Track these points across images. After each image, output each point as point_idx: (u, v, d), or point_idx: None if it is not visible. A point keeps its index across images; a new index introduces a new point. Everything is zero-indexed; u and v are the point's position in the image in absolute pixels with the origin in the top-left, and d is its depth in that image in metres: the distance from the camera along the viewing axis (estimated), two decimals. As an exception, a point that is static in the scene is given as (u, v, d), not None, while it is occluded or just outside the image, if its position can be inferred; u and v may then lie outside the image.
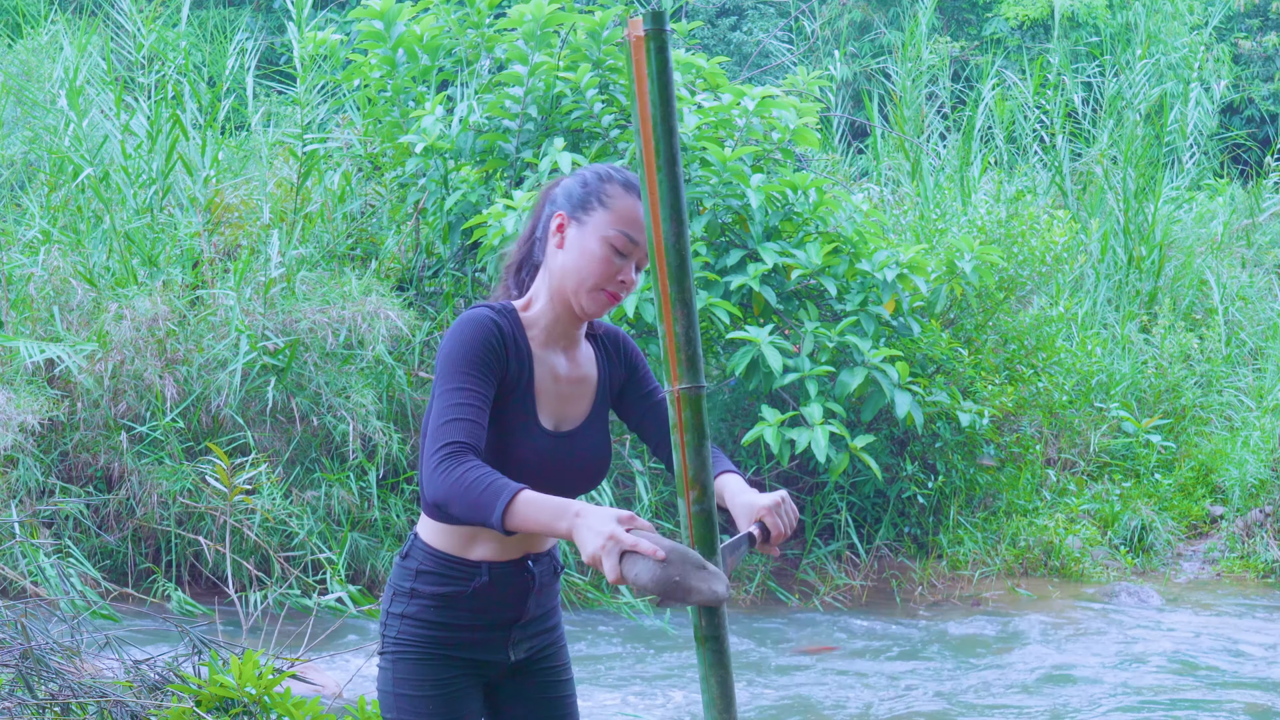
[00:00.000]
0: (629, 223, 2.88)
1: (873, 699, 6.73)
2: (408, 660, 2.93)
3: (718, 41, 15.55)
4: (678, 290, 2.49)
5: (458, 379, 2.76)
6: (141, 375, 7.76)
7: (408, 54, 8.86)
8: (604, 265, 2.87)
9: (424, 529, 2.95)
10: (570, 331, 2.97)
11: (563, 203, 2.92)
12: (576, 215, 2.90)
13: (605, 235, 2.87)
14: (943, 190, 11.10)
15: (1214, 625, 8.06)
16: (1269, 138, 15.64)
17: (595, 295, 2.89)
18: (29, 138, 9.68)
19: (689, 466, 2.54)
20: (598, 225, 2.87)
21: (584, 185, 2.91)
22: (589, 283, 2.88)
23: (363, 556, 7.82)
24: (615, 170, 2.93)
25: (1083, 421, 10.01)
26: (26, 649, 4.49)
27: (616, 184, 2.90)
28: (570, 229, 2.90)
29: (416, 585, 2.94)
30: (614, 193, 2.89)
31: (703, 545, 2.55)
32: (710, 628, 2.56)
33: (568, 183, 2.95)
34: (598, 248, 2.87)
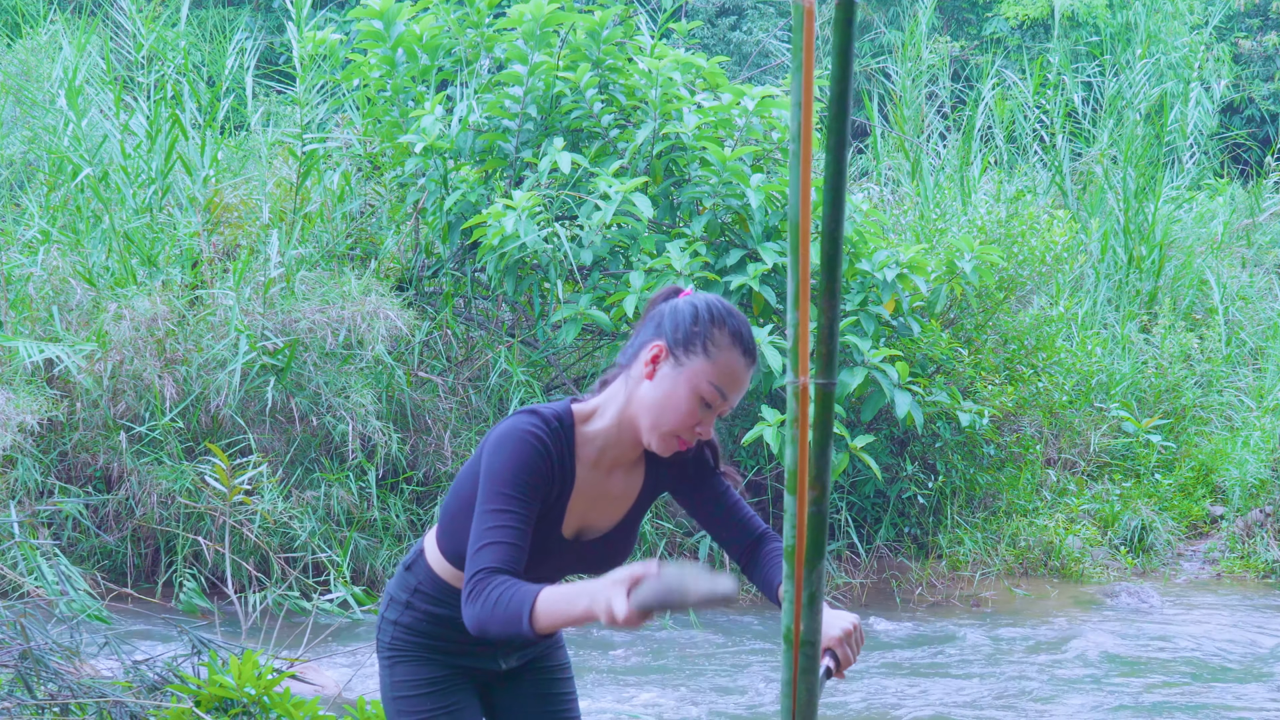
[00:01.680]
0: (727, 378, 2.72)
1: (873, 699, 6.72)
2: (404, 663, 2.97)
3: (718, 41, 15.55)
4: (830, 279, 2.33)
5: (501, 500, 2.69)
6: (141, 375, 7.76)
7: (407, 54, 8.85)
8: (687, 416, 2.73)
9: (432, 555, 2.95)
10: (628, 456, 2.86)
11: (668, 331, 2.75)
12: (676, 353, 2.73)
13: (698, 386, 2.71)
14: (943, 190, 11.10)
15: (1214, 625, 8.05)
16: (1269, 137, 15.63)
17: (667, 439, 2.76)
18: (28, 137, 9.68)
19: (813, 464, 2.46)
20: (694, 373, 2.72)
21: (695, 321, 2.73)
22: (665, 427, 2.75)
23: (362, 556, 7.82)
24: (730, 314, 2.76)
25: (1083, 421, 10.01)
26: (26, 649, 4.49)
27: (727, 332, 2.73)
28: (665, 365, 2.74)
29: (414, 600, 2.96)
30: (721, 342, 2.72)
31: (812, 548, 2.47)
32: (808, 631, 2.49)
33: (681, 310, 2.76)
34: (686, 396, 2.72)
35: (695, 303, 2.77)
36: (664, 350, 2.74)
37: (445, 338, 8.61)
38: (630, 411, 2.79)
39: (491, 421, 8.43)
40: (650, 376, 2.75)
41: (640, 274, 7.86)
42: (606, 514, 2.89)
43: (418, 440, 8.25)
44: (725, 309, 2.77)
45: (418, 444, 8.25)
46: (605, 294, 8.06)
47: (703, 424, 2.75)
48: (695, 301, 2.77)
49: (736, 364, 2.73)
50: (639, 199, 7.91)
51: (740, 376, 2.75)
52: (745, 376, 2.76)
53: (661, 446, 2.78)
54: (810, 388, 2.37)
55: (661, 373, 2.74)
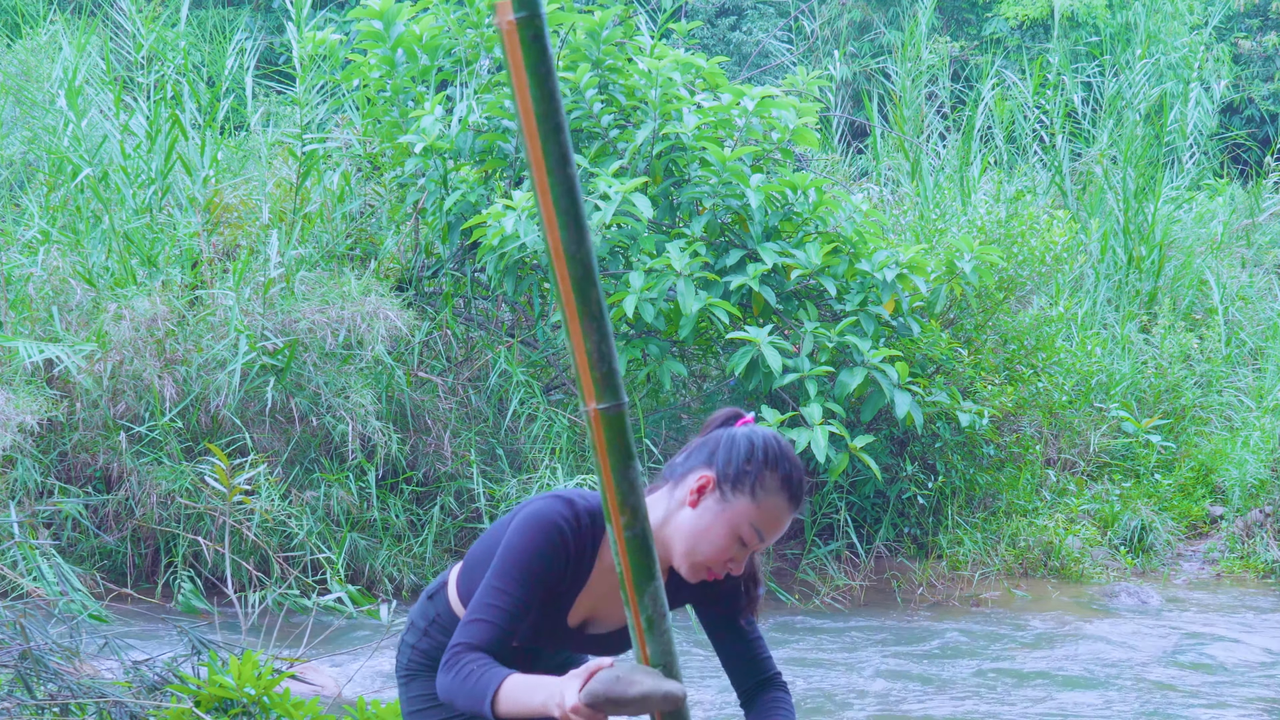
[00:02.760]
0: (768, 523, 2.72)
1: (873, 699, 6.72)
2: (418, 679, 3.02)
3: (717, 41, 15.55)
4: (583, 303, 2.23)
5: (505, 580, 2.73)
6: (140, 375, 7.76)
7: (407, 54, 8.85)
8: (722, 551, 2.73)
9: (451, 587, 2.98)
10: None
11: (720, 463, 2.73)
12: (723, 487, 2.72)
13: (738, 526, 2.71)
14: (942, 190, 11.10)
15: (1214, 626, 8.05)
16: (1269, 137, 15.63)
17: (697, 569, 2.76)
18: (28, 137, 9.68)
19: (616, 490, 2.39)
20: (738, 512, 2.71)
21: (749, 459, 2.72)
22: (697, 558, 2.74)
23: (362, 556, 7.82)
24: (783, 457, 2.74)
25: (1083, 421, 10.01)
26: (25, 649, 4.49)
27: (779, 476, 2.71)
28: (710, 497, 2.72)
29: (431, 629, 3.00)
30: (771, 486, 2.71)
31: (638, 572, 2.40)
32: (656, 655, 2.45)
33: (739, 442, 2.74)
34: (725, 533, 2.71)
35: (753, 439, 2.74)
36: (712, 482, 2.73)
37: (445, 338, 8.61)
38: (666, 532, 2.77)
39: (491, 421, 8.44)
40: (693, 505, 2.74)
41: (640, 274, 7.86)
42: (615, 612, 2.89)
43: (417, 440, 8.25)
44: (780, 451, 2.74)
45: (417, 444, 8.25)
46: (605, 294, 8.06)
47: (735, 560, 2.75)
48: (753, 438, 2.74)
49: (781, 510, 2.73)
50: (639, 199, 7.91)
51: (782, 521, 2.75)
52: (787, 521, 2.76)
53: (690, 574, 2.77)
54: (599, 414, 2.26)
55: (705, 504, 2.73)
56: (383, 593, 7.71)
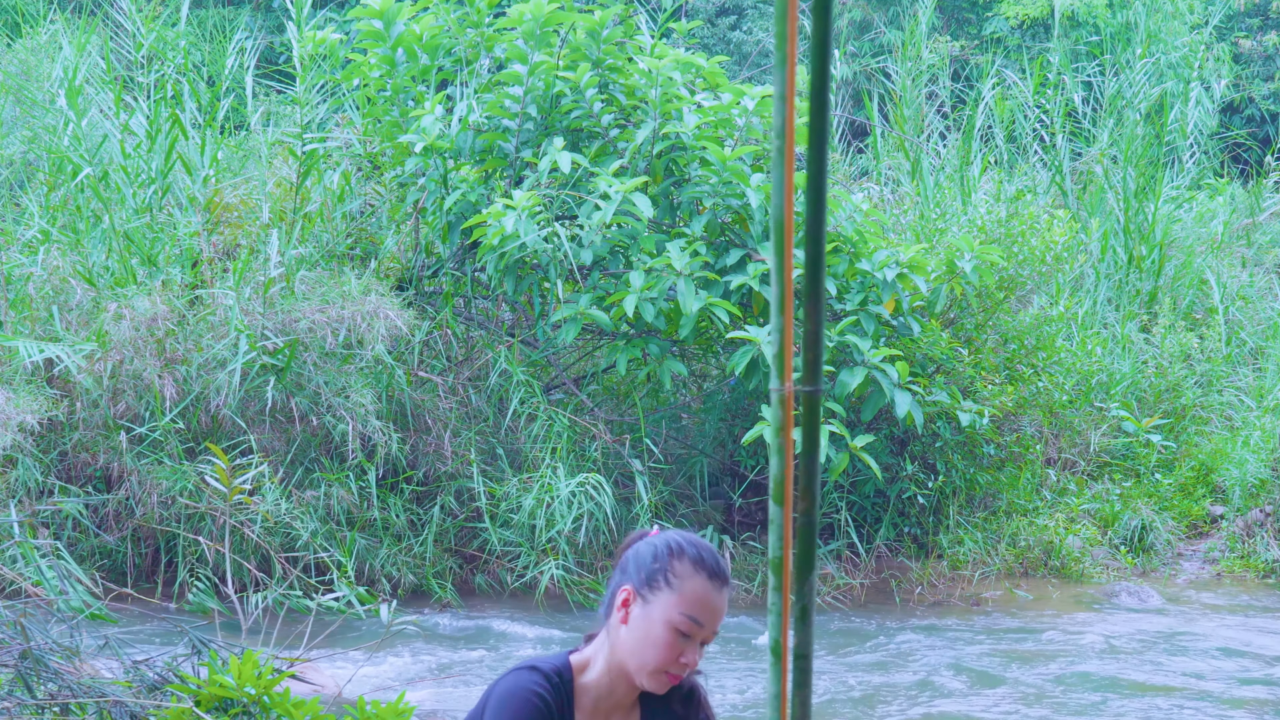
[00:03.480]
0: (695, 605, 2.75)
1: (872, 699, 6.72)
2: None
3: (717, 41, 15.55)
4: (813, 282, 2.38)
5: None
6: (141, 375, 7.76)
7: (407, 53, 8.85)
8: (667, 650, 2.76)
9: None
10: (624, 702, 2.90)
11: (632, 574, 2.81)
12: (643, 593, 2.78)
13: (670, 619, 2.75)
14: (943, 190, 11.10)
15: (1214, 625, 8.05)
16: (1269, 137, 15.63)
17: (657, 677, 2.79)
18: (28, 137, 9.68)
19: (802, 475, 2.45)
20: (663, 607, 2.76)
21: (654, 558, 2.79)
22: (650, 667, 2.78)
23: (362, 556, 7.82)
24: (688, 543, 2.80)
25: (1083, 421, 10.01)
26: (26, 649, 4.49)
27: (687, 560, 2.77)
28: (635, 607, 2.79)
29: None
30: (682, 571, 2.77)
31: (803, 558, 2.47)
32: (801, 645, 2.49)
33: (641, 551, 2.83)
34: (662, 632, 2.75)
35: (655, 542, 2.83)
36: (632, 593, 2.79)
37: (445, 337, 8.61)
38: (616, 659, 2.83)
39: (492, 420, 8.44)
40: (625, 621, 2.80)
41: (640, 274, 7.86)
42: None
43: (418, 440, 8.25)
44: (683, 540, 2.81)
45: (418, 444, 8.25)
46: (605, 294, 8.06)
47: (686, 654, 2.78)
48: (655, 541, 2.83)
49: (703, 589, 2.77)
50: (639, 199, 7.91)
51: (710, 600, 2.78)
52: (717, 599, 2.79)
53: (654, 685, 2.81)
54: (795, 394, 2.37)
55: (634, 615, 2.79)
56: (383, 592, 7.71)
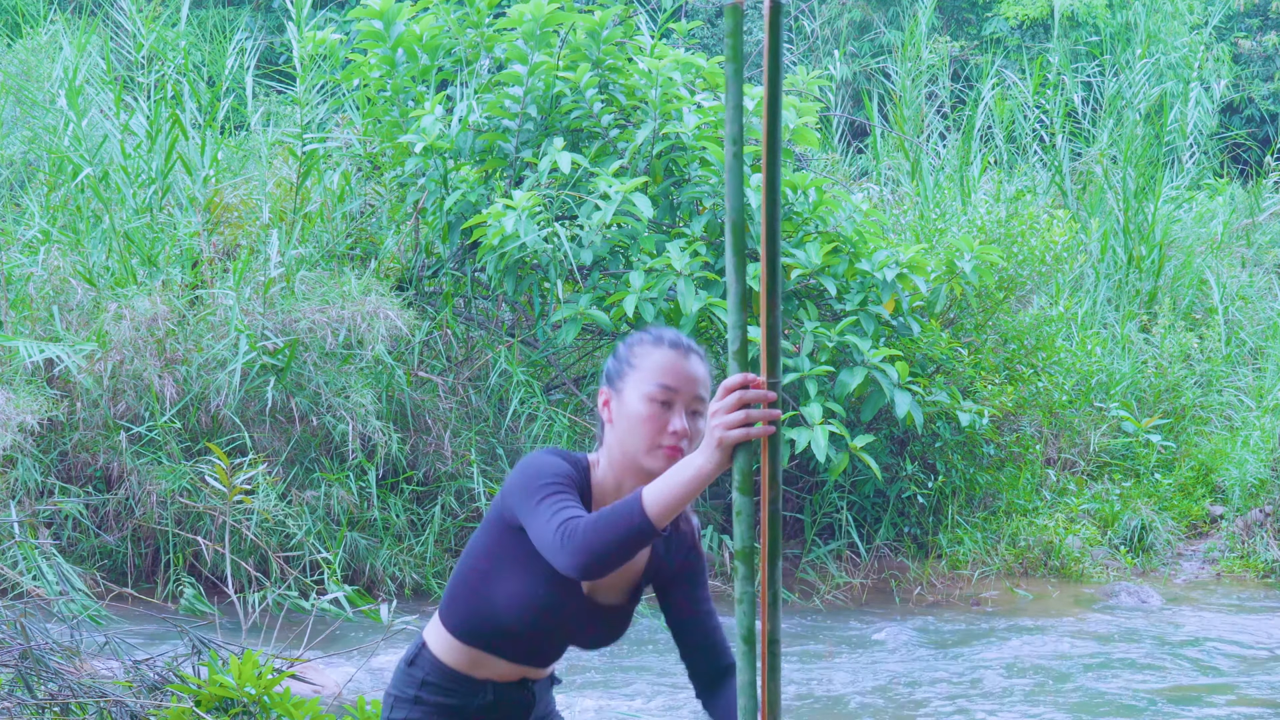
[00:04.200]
0: (662, 373, 2.80)
1: (872, 698, 6.73)
2: None
3: (717, 41, 15.55)
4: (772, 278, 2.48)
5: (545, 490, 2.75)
6: (140, 375, 7.76)
7: (407, 54, 8.85)
8: (650, 424, 2.80)
9: (433, 640, 2.96)
10: None
11: (604, 379, 2.91)
12: (615, 387, 2.86)
13: (643, 394, 2.80)
14: (942, 190, 11.10)
15: (1214, 625, 8.05)
16: (1269, 137, 15.63)
17: (654, 455, 2.81)
18: (28, 137, 9.68)
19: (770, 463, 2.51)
20: (633, 387, 2.82)
21: (616, 357, 2.89)
22: (643, 446, 2.81)
23: (362, 556, 7.82)
24: (645, 331, 2.89)
25: (1083, 421, 10.01)
26: (26, 649, 4.49)
27: (646, 343, 2.85)
28: (613, 403, 2.85)
29: (421, 694, 2.95)
30: (641, 352, 2.84)
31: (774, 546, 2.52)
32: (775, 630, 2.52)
33: (608, 360, 2.92)
34: (640, 409, 2.80)
35: (617, 346, 2.91)
36: (608, 393, 2.87)
37: (445, 338, 8.61)
38: (615, 457, 2.86)
39: (492, 421, 8.44)
40: (610, 420, 2.86)
41: (640, 274, 7.86)
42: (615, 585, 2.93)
43: (418, 440, 8.25)
44: (640, 332, 2.89)
45: (418, 444, 8.25)
46: (605, 294, 8.06)
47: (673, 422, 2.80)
48: (618, 345, 2.92)
49: (664, 358, 2.82)
50: (639, 199, 7.91)
51: (677, 365, 2.81)
52: (683, 364, 2.82)
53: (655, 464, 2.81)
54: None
55: (615, 411, 2.85)
56: (384, 592, 7.72)
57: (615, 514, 2.60)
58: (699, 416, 2.81)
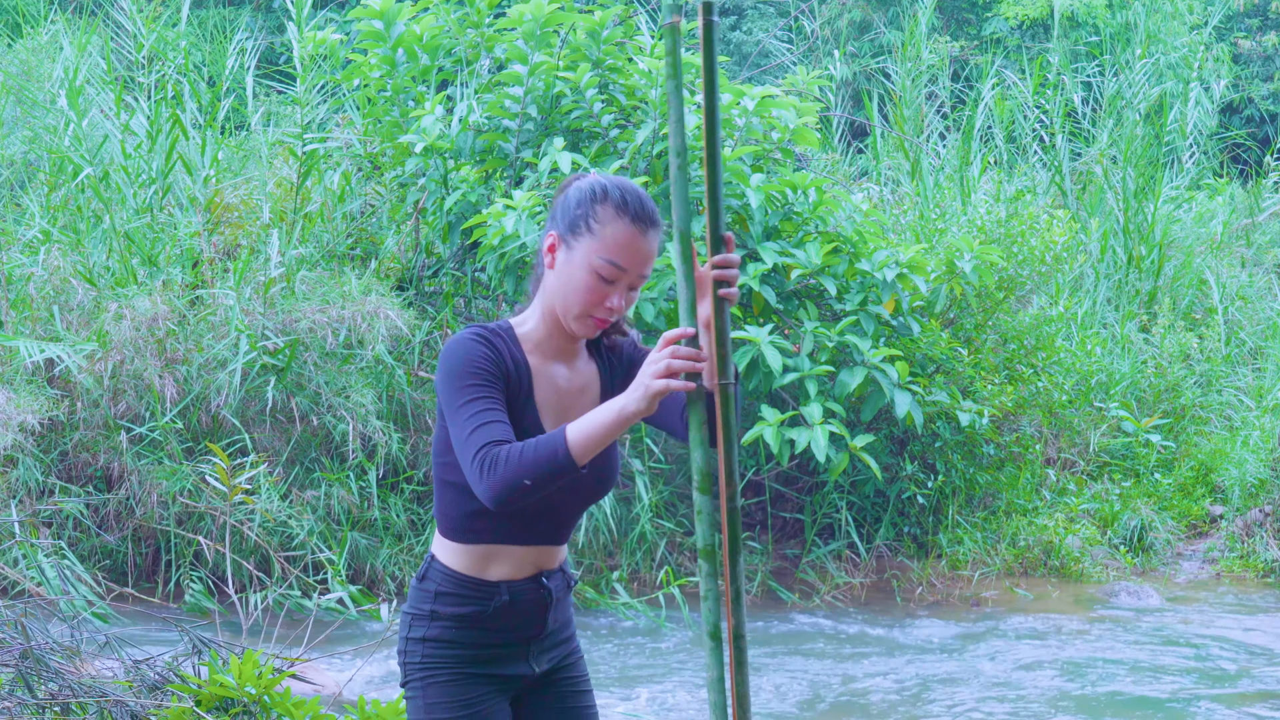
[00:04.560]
0: (616, 249, 2.79)
1: (873, 698, 6.73)
2: (437, 684, 2.91)
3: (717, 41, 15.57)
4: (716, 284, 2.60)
5: (466, 393, 2.75)
6: (141, 375, 7.76)
7: (407, 54, 8.86)
8: (589, 294, 2.80)
9: (440, 551, 2.93)
10: (567, 346, 2.92)
11: (559, 219, 2.84)
12: (566, 238, 2.82)
13: (591, 263, 2.79)
14: (942, 190, 11.10)
15: (1214, 625, 8.06)
16: (1269, 137, 15.64)
17: (583, 321, 2.84)
18: (29, 137, 9.68)
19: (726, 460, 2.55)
20: (585, 252, 2.79)
21: (579, 204, 2.82)
22: (574, 310, 2.82)
23: (362, 556, 7.82)
24: (613, 186, 2.83)
25: (1082, 421, 10.01)
26: (26, 649, 4.50)
27: (610, 206, 2.81)
28: (560, 251, 2.83)
29: (436, 607, 2.92)
30: (604, 216, 2.80)
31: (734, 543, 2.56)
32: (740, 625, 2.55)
33: (568, 195, 2.86)
34: (583, 276, 2.79)
35: (580, 186, 2.85)
36: (556, 239, 2.84)
37: (445, 337, 8.62)
38: (547, 303, 2.87)
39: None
40: (551, 266, 2.85)
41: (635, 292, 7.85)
42: (578, 413, 2.90)
43: (418, 440, 8.26)
44: (609, 184, 2.83)
45: (418, 444, 8.25)
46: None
47: (611, 298, 2.81)
48: (580, 185, 2.85)
49: (624, 233, 2.80)
50: (639, 199, 7.91)
51: (634, 243, 2.80)
52: (640, 242, 2.81)
53: (580, 329, 2.85)
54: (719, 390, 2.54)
55: (559, 260, 2.83)
56: (384, 592, 7.72)
57: (538, 451, 2.64)
58: (636, 290, 2.84)
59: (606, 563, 8.22)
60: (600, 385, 2.97)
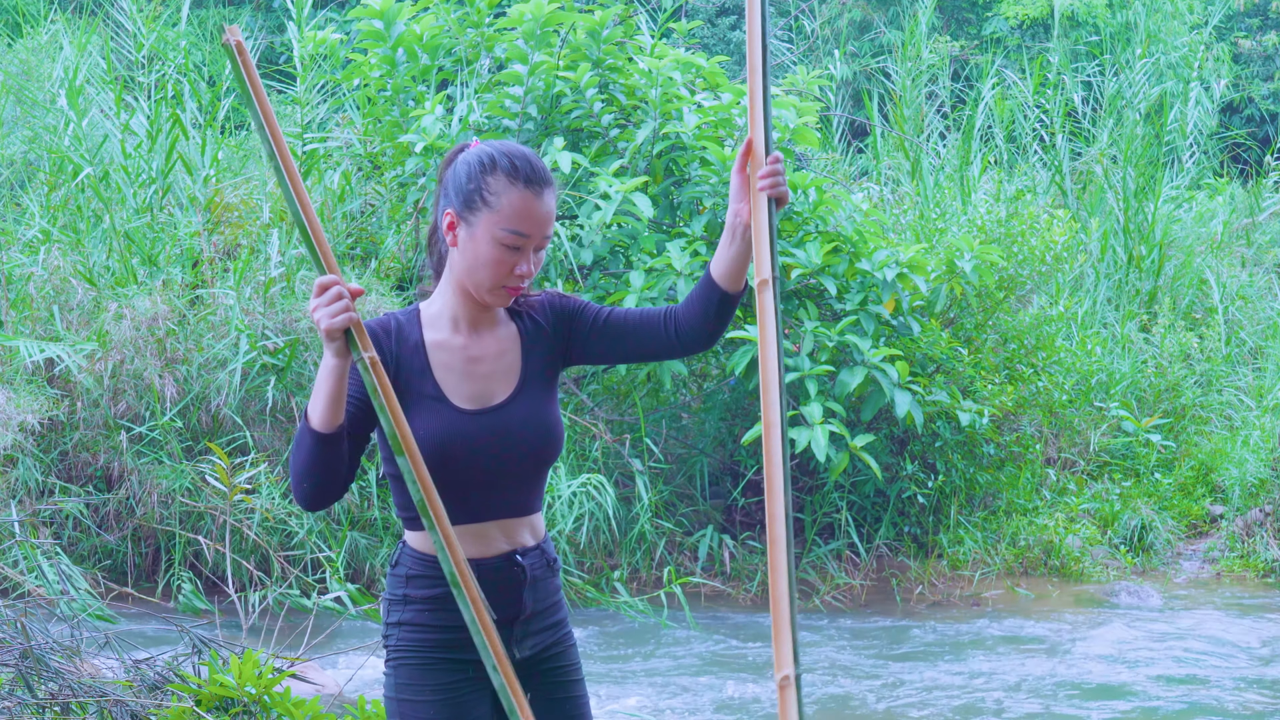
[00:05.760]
0: (516, 219, 2.78)
1: (873, 698, 6.73)
2: (408, 666, 2.91)
3: (717, 41, 15.55)
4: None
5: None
6: (141, 375, 7.76)
7: (407, 53, 8.86)
8: (497, 266, 2.80)
9: (409, 536, 2.94)
10: (480, 316, 2.91)
11: (452, 196, 2.82)
12: (464, 215, 2.80)
13: (494, 236, 2.78)
14: (942, 190, 11.10)
15: (1214, 625, 8.06)
16: (1269, 137, 15.64)
17: (498, 294, 2.84)
18: (29, 137, 9.68)
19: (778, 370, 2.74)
20: (485, 227, 2.78)
21: (469, 178, 2.80)
22: (486, 284, 2.82)
23: (362, 555, 7.82)
24: (500, 153, 2.81)
25: (1083, 421, 10.01)
26: (26, 648, 4.49)
27: (500, 174, 2.78)
28: (460, 230, 2.81)
29: (409, 591, 2.92)
30: (497, 186, 2.78)
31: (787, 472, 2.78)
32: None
33: (458, 171, 2.83)
34: (488, 250, 2.79)
35: (468, 159, 2.83)
36: (454, 216, 2.82)
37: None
38: (456, 280, 2.86)
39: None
40: (454, 244, 2.83)
41: (640, 273, 7.86)
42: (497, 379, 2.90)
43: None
44: (495, 152, 2.81)
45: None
46: (605, 293, 8.07)
47: (520, 265, 2.81)
48: (468, 158, 2.83)
49: (520, 201, 2.78)
50: (639, 199, 7.91)
51: (531, 208, 2.79)
52: (537, 205, 2.80)
53: (496, 300, 2.85)
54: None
55: (460, 238, 2.82)
56: (384, 591, 7.72)
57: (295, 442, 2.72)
58: (543, 251, 2.83)
59: (607, 562, 8.22)
60: (522, 344, 2.95)
